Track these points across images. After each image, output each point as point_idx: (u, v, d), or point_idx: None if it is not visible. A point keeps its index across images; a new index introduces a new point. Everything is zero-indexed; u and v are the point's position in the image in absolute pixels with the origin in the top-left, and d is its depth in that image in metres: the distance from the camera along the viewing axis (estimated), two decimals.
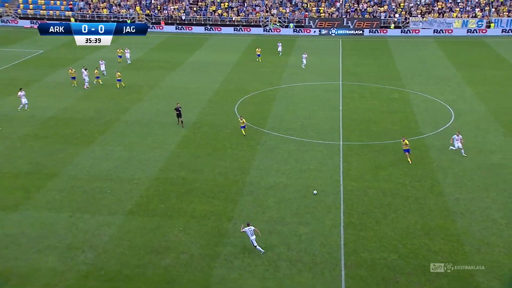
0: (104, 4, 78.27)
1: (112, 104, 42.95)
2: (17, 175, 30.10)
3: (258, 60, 57.52)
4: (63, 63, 55.28)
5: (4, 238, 23.90)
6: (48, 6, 77.88)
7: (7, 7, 77.33)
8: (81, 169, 31.06)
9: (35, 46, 63.47)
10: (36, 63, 55.87)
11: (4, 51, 60.17)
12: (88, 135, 36.26)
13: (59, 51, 61.55)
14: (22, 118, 38.90)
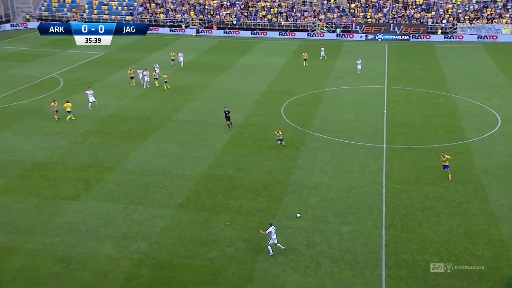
0: (161, 10, 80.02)
1: (166, 104, 43.86)
2: (79, 167, 31.26)
3: (305, 65, 57.19)
4: (122, 64, 56.92)
5: (65, 226, 24.87)
6: (110, 11, 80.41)
7: (74, 12, 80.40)
8: (136, 163, 31.89)
9: (98, 48, 65.67)
10: (98, 63, 57.80)
11: (70, 53, 62.59)
12: (143, 132, 37.17)
13: (119, 53, 63.42)
14: (84, 115, 40.33)
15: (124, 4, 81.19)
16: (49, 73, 52.79)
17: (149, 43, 69.90)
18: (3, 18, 78.44)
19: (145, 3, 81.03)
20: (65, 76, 52.23)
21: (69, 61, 58.41)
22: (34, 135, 36.08)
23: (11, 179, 29.50)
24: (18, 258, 22.32)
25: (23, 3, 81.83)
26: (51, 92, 46.22)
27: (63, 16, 79.82)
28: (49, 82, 49.47)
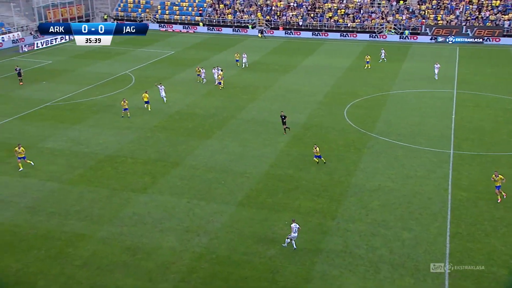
0: (229, 10, 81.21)
1: (230, 103, 44.48)
2: (147, 161, 32.40)
3: (367, 67, 55.80)
4: (190, 63, 58.35)
5: (133, 217, 25.87)
6: (181, 12, 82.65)
7: (147, 12, 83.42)
8: (200, 160, 32.59)
9: (168, 47, 67.77)
10: (168, 62, 59.59)
11: (142, 51, 64.99)
12: (208, 130, 37.91)
13: (187, 52, 65.07)
14: (153, 112, 41.74)
15: (194, 5, 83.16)
16: (122, 71, 55.09)
17: (216, 43, 71.18)
18: (83, 18, 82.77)
19: (214, 4, 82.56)
20: (137, 73, 54.29)
21: (141, 59, 60.65)
22: (106, 129, 37.81)
23: (85, 169, 31.09)
24: (90, 245, 23.48)
25: (102, 3, 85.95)
26: (123, 88, 48.23)
27: (137, 16, 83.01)
28: (122, 79, 51.63)
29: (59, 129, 37.68)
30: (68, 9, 79.32)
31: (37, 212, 26.18)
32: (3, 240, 23.63)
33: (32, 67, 56.27)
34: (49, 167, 31.27)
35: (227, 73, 53.42)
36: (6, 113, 40.78)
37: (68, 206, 26.75)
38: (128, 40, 71.59)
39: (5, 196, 27.62)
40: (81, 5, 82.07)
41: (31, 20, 73.79)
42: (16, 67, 50.90)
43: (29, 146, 34.28)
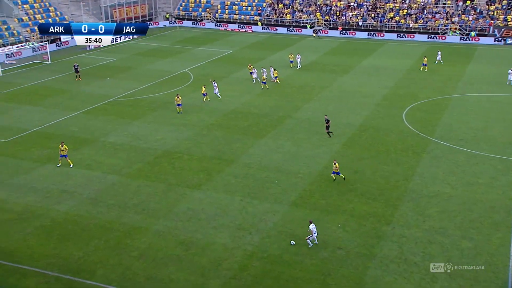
0: (288, 10, 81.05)
1: (285, 102, 44.37)
2: (202, 159, 32.93)
3: (423, 69, 53.79)
4: (247, 62, 58.75)
5: (188, 212, 26.37)
6: (240, 11, 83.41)
7: (208, 11, 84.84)
8: (254, 158, 32.72)
9: (226, 46, 68.60)
10: (225, 61, 60.32)
11: (201, 50, 66.15)
12: (262, 129, 38.00)
13: (245, 51, 65.57)
14: (210, 110, 42.38)
15: (253, 5, 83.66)
16: (181, 69, 56.31)
17: (274, 43, 71.26)
18: (146, 17, 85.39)
19: (273, 4, 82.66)
20: (195, 71, 55.33)
21: (199, 58, 61.75)
22: (164, 126, 38.78)
23: (144, 164, 32.05)
24: (146, 237, 24.17)
25: (164, 3, 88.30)
26: (181, 86, 49.29)
27: (198, 15, 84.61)
28: (181, 77, 52.79)
29: (120, 124, 39.06)
30: (132, 8, 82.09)
31: (98, 203, 27.26)
32: (66, 229, 24.78)
33: (97, 64, 58.70)
34: (110, 160, 32.49)
35: (284, 73, 53.34)
36: (73, 108, 42.77)
37: (127, 199, 27.67)
38: (188, 39, 73.15)
39: (70, 187, 28.97)
40: (145, 4, 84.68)
41: (98, 19, 76.95)
42: (75, 64, 53.36)
43: (93, 139, 35.78)
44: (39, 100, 44.73)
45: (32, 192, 28.20)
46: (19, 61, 57.94)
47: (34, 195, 27.81)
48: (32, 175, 30.21)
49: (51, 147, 34.23)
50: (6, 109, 42.38)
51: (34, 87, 49.12)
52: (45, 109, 42.27)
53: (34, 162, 32.07)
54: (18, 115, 40.98)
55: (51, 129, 37.74)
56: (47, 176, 30.13)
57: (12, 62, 56.92)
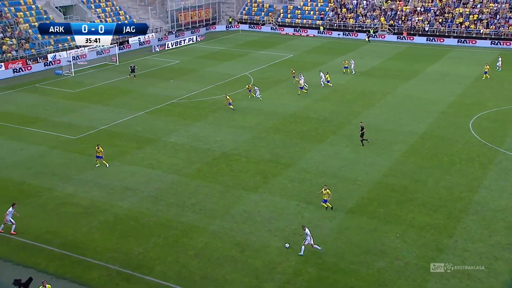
0: (351, 15, 79.97)
1: (345, 108, 43.77)
2: (259, 161, 33.13)
3: (485, 78, 51.11)
4: (308, 66, 58.54)
5: (243, 214, 26.60)
6: (302, 16, 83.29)
7: (270, 16, 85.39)
8: (311, 163, 32.51)
9: (287, 50, 68.68)
10: (286, 65, 60.40)
11: (262, 54, 66.59)
12: (321, 134, 37.68)
13: (306, 55, 65.35)
14: (269, 113, 42.58)
15: (316, 9, 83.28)
16: (242, 72, 56.99)
17: (335, 47, 70.56)
18: (210, 21, 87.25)
19: (336, 8, 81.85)
20: (255, 75, 55.80)
21: (260, 61, 62.23)
22: (223, 128, 39.38)
23: (202, 165, 32.70)
24: (202, 237, 24.63)
25: (228, 7, 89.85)
26: (242, 89, 49.85)
27: (260, 19, 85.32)
28: (241, 80, 53.42)
29: (181, 125, 40.09)
30: (197, 12, 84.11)
31: (158, 201, 28.11)
32: (128, 225, 25.74)
33: (161, 66, 60.62)
34: (171, 160, 33.42)
35: (344, 78, 52.70)
36: (137, 108, 44.41)
37: (185, 198, 28.33)
38: (249, 43, 73.95)
39: (133, 184, 30.08)
40: (209, 8, 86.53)
41: (164, 22, 79.54)
42: (132, 64, 55.52)
43: (155, 139, 36.98)
44: (107, 100, 46.82)
45: (98, 187, 29.52)
46: (90, 62, 60.94)
47: (99, 191, 29.11)
48: (97, 171, 31.63)
49: (117, 145, 35.72)
50: (77, 107, 44.69)
51: (103, 87, 51.49)
52: (113, 108, 44.18)
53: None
54: (87, 113, 43.09)
55: (117, 128, 39.38)
56: (111, 173, 31.45)
57: (83, 63, 59.97)
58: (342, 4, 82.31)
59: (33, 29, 61.48)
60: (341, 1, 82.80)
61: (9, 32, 59.09)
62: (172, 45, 72.32)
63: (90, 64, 60.16)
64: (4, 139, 36.85)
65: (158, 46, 70.49)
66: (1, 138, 37.01)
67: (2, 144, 36.01)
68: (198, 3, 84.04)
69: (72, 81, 53.49)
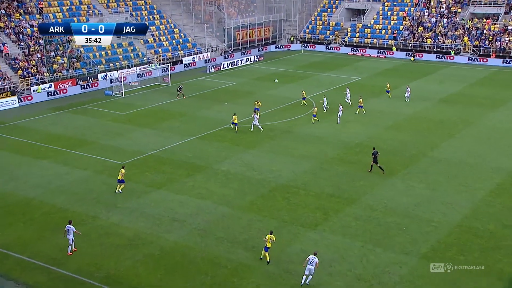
0: (429, 34, 78.79)
1: (419, 138, 42.75)
2: (320, 195, 32.81)
3: None
4: (377, 90, 57.94)
5: (300, 254, 26.15)
6: (373, 35, 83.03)
7: (336, 34, 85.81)
8: (379, 200, 31.82)
9: (354, 72, 68.49)
10: (351, 89, 60.03)
11: (325, 76, 66.70)
12: (391, 167, 36.88)
13: (375, 79, 64.82)
14: (332, 141, 42.33)
15: (388, 28, 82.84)
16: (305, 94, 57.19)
17: (410, 70, 69.60)
18: (270, 40, 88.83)
19: (412, 27, 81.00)
20: (318, 99, 55.76)
21: (323, 84, 62.34)
22: (281, 156, 39.48)
23: (256, 197, 32.82)
24: (254, 277, 24.50)
25: (290, 25, 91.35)
26: (302, 114, 49.98)
27: (325, 38, 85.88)
28: (302, 104, 53.59)
29: (234, 152, 40.62)
30: (256, 30, 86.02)
31: (207, 235, 28.39)
32: (174, 260, 26.10)
33: (216, 88, 62.10)
34: (222, 190, 33.82)
35: (419, 105, 51.71)
36: (188, 132, 45.52)
37: (237, 233, 28.44)
38: (312, 64, 74.42)
39: (180, 215, 30.62)
40: (269, 27, 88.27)
41: (220, 41, 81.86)
42: (180, 85, 58.67)
43: (206, 166, 37.62)
44: (157, 123, 48.37)
45: (144, 217, 30.28)
46: (141, 82, 63.47)
47: (145, 221, 29.84)
48: (144, 200, 32.51)
49: (165, 172, 36.64)
50: (125, 130, 46.46)
51: (153, 109, 53.33)
52: (162, 133, 45.55)
53: (147, 186, 34.51)
54: (135, 137, 44.65)
55: (166, 154, 40.47)
56: (159, 202, 32.21)
57: (135, 83, 62.56)
58: (419, 23, 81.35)
59: (85, 48, 65.07)
60: (418, 18, 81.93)
61: (60, 50, 62.88)
62: (228, 65, 74.08)
63: (141, 85, 62.63)
64: (50, 162, 38.80)
65: (213, 66, 72.44)
66: (48, 161, 39.01)
67: (47, 167, 37.93)
68: (257, 21, 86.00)
69: (122, 103, 55.85)
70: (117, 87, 59.96)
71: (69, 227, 26.21)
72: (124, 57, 68.45)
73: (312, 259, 23.41)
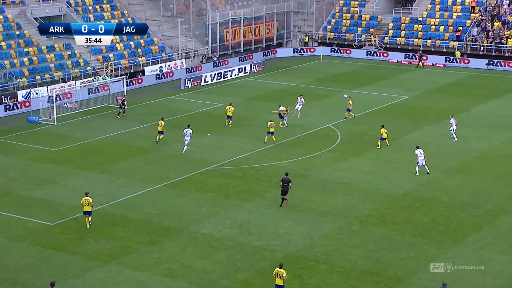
0: (509, 32, 79.83)
1: (499, 186, 42.89)
2: (350, 272, 32.55)
3: None
4: (432, 115, 58.30)
5: None
6: (426, 33, 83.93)
7: (371, 33, 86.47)
8: (439, 280, 31.59)
9: (398, 88, 69.12)
10: (396, 112, 60.37)
11: (356, 94, 66.70)
12: (456, 229, 36.83)
13: (430, 97, 65.42)
14: (365, 191, 42.35)
15: (449, 23, 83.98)
16: (323, 123, 57.53)
17: (484, 84, 70.27)
18: (274, 41, 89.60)
19: (485, 21, 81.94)
20: (345, 128, 56.09)
21: (354, 106, 62.64)
22: (291, 212, 39.35)
23: (254, 274, 32.38)
24: None
25: (303, 19, 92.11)
26: (321, 151, 50.08)
27: (355, 38, 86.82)
28: (322, 136, 53.85)
29: (222, 206, 40.50)
30: (253, 27, 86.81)
31: None
32: None
33: (194, 112, 62.27)
34: (203, 264, 33.53)
35: (495, 137, 52.04)
36: (154, 177, 45.43)
37: None
38: (336, 76, 75.27)
39: None
40: (273, 21, 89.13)
41: (201, 43, 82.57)
42: (122, 96, 60.74)
43: (179, 228, 37.47)
44: (106, 164, 48.34)
45: None
46: (83, 103, 63.44)
47: None
48: (85, 280, 32.15)
49: (118, 238, 36.42)
50: (58, 175, 46.33)
51: (101, 143, 53.36)
52: (114, 178, 45.47)
53: (90, 259, 34.17)
54: (73, 185, 44.49)
55: (119, 209, 40.32)
56: (106, 284, 31.90)
57: (73, 106, 62.58)
58: (495, 15, 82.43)
59: None
60: (493, 10, 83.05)
61: None
62: (212, 78, 74.51)
63: (83, 107, 62.71)
64: None
65: (190, 80, 72.76)
66: None
67: None
68: (256, 14, 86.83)
69: (53, 133, 55.92)
70: (46, 110, 59.99)
71: None
72: (58, 66, 69.01)
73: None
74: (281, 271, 28.78)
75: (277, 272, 28.86)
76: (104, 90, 66.42)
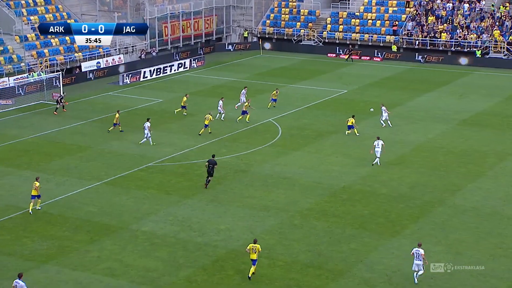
0: (443, 26, 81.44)
1: (435, 178, 43.64)
2: (291, 266, 32.74)
3: None
4: (366, 109, 58.96)
5: None
6: (363, 28, 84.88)
7: (310, 28, 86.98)
8: (379, 271, 32.00)
9: (337, 83, 69.44)
10: (334, 107, 60.94)
11: (296, 88, 66.96)
12: (394, 221, 37.40)
13: (367, 91, 66.02)
14: (307, 184, 42.66)
15: (385, 18, 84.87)
16: (264, 117, 57.64)
17: (418, 78, 71.22)
18: (213, 35, 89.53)
19: (420, 16, 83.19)
20: (285, 122, 56.36)
21: (293, 101, 62.96)
22: (232, 208, 39.43)
23: (196, 271, 32.41)
24: None
25: (241, 14, 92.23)
26: (262, 145, 50.25)
27: (294, 33, 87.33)
28: (262, 131, 53.96)
29: (163, 203, 40.31)
30: (193, 22, 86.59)
31: None
32: None
33: (134, 108, 61.75)
34: (144, 262, 33.30)
35: (435, 129, 52.90)
36: (92, 175, 44.91)
37: None
38: (276, 71, 75.51)
39: None
40: (212, 16, 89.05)
41: (139, 38, 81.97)
42: (63, 94, 60.80)
43: (119, 227, 37.11)
44: (42, 162, 47.59)
45: None
46: (18, 100, 62.38)
47: None
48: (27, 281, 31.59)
49: (56, 237, 35.86)
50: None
51: (36, 141, 52.49)
52: (51, 176, 44.79)
53: (27, 259, 33.57)
54: (8, 185, 43.72)
55: (56, 209, 39.73)
56: (45, 284, 31.36)
57: (7, 103, 61.44)
58: (429, 10, 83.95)
59: None
60: (427, 4, 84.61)
61: None
62: (151, 73, 74.05)
63: (17, 104, 61.64)
64: None
65: (128, 76, 72.17)
66: None
67: None
68: (194, 8, 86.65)
69: None
70: None
71: None
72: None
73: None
74: (257, 246, 30.76)
75: (252, 248, 30.72)
76: (39, 86, 65.18)
